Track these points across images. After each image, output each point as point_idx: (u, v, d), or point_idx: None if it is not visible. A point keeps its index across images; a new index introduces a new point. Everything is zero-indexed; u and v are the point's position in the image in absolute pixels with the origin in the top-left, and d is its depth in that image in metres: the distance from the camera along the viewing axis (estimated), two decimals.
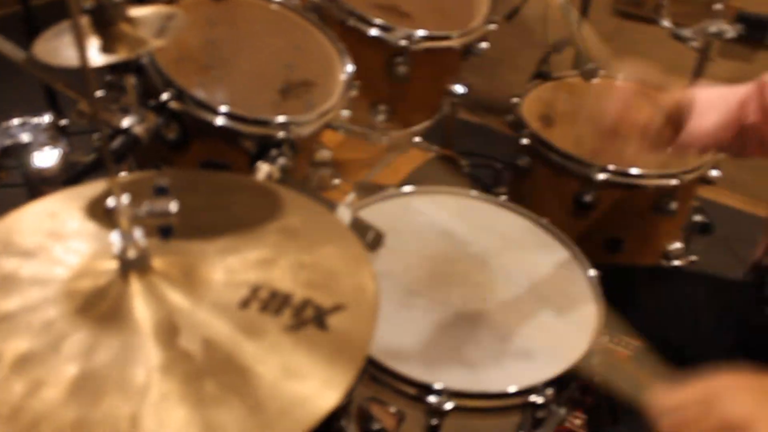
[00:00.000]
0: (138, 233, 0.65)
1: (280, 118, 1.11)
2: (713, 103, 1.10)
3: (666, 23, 1.95)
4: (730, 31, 1.99)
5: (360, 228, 1.09)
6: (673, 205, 1.55)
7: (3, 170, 1.17)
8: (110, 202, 0.62)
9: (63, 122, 1.38)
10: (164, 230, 0.63)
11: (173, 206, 0.63)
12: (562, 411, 1.09)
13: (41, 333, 0.64)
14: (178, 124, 1.09)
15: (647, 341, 1.37)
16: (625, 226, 1.60)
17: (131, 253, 0.65)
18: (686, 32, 1.97)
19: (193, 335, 0.63)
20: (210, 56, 1.28)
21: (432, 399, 0.98)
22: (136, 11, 0.88)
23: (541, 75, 1.83)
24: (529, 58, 2.67)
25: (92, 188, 0.84)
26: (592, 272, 1.21)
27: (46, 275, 0.69)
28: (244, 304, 0.67)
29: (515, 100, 1.70)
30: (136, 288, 0.66)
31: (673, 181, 1.51)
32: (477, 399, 1.01)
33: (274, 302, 0.67)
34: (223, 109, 1.09)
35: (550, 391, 1.02)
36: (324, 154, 1.25)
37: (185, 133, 1.09)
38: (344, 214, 1.07)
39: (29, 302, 0.67)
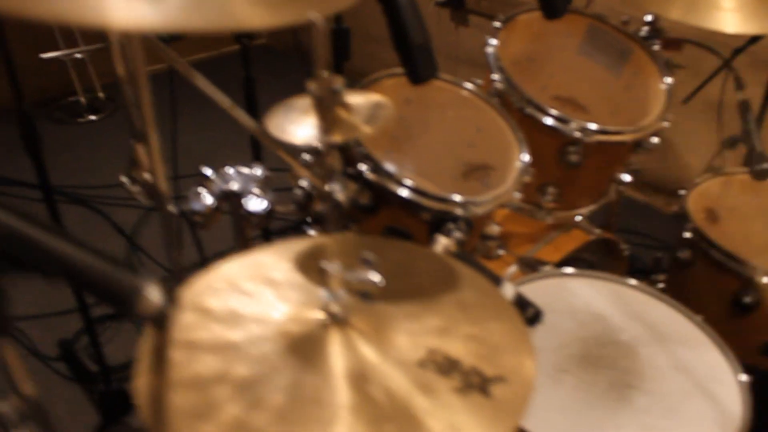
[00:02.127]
0: (343, 293, 0.79)
1: (460, 197, 1.24)
2: None
3: None
4: None
5: (521, 304, 1.19)
6: None
7: (219, 212, 1.37)
8: (325, 264, 0.77)
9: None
10: (365, 294, 0.76)
11: (377, 278, 0.76)
12: None
13: (258, 363, 0.79)
14: (371, 191, 1.24)
15: None
16: None
17: (335, 309, 0.80)
18: None
19: (378, 384, 0.76)
20: (401, 131, 1.45)
21: None
22: (352, 98, 1.05)
23: (711, 170, 1.85)
24: (703, 141, 2.67)
25: (298, 244, 1.00)
26: (744, 377, 1.23)
27: (264, 316, 0.85)
28: (422, 364, 0.79)
29: (682, 192, 1.74)
30: (335, 337, 0.80)
31: None
32: None
33: (446, 366, 0.79)
34: (410, 183, 1.24)
35: None
36: (494, 229, 1.36)
37: (375, 200, 1.25)
38: (508, 290, 1.17)
39: (250, 336, 0.82)
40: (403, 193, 1.23)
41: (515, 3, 1.76)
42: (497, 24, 1.65)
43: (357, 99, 1.04)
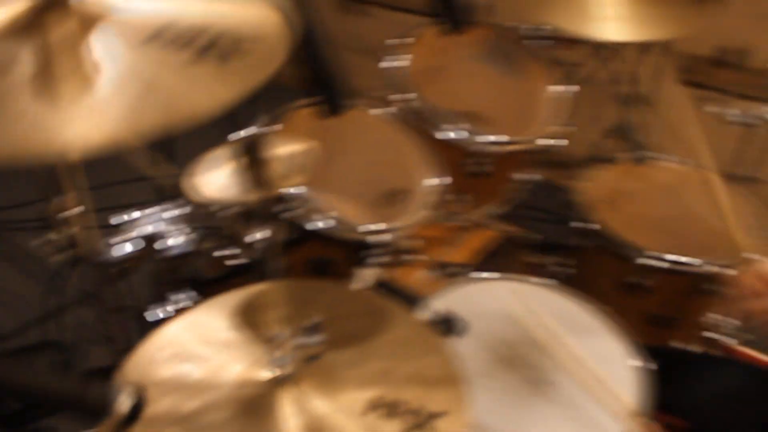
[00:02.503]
0: (291, 356, 0.85)
1: (377, 226, 1.32)
2: None
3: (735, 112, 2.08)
4: None
5: (446, 320, 1.29)
6: (715, 289, 1.70)
7: (141, 258, 1.40)
8: (275, 334, 0.83)
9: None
10: (313, 356, 0.83)
11: (321, 339, 0.83)
12: None
13: None
14: (293, 226, 1.30)
15: (691, 424, 1.53)
16: (671, 305, 1.76)
17: (284, 370, 0.86)
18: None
19: None
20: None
21: None
22: (280, 150, 1.10)
23: (598, 159, 2.00)
24: (593, 117, 2.85)
25: (234, 297, 1.05)
26: (637, 362, 1.37)
27: (213, 381, 0.90)
28: (369, 410, 0.86)
29: (575, 183, 1.87)
30: (285, 396, 0.87)
31: (713, 268, 1.66)
32: None
33: (391, 408, 0.87)
34: (330, 215, 1.30)
35: None
36: (412, 244, 1.45)
37: (299, 234, 1.31)
38: (431, 309, 1.26)
39: (202, 405, 0.87)
40: (325, 225, 1.29)
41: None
42: (402, 41, 1.72)
43: (282, 150, 1.09)
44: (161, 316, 1.52)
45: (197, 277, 1.31)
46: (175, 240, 1.40)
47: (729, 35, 2.57)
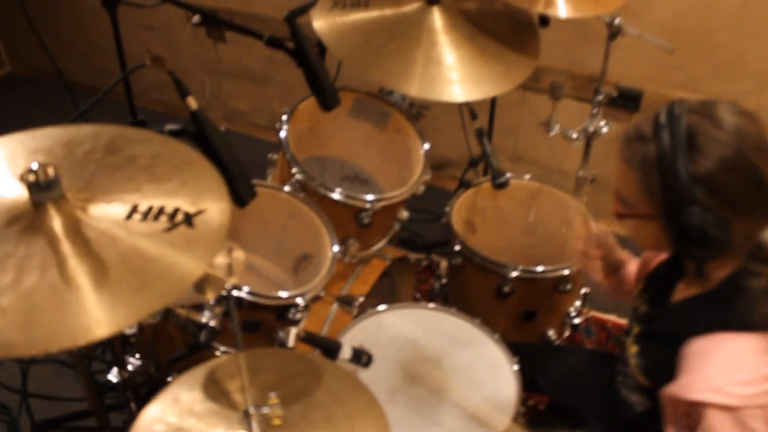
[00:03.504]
0: (259, 422, 1.16)
1: (287, 293, 1.65)
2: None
3: (556, 129, 2.52)
4: (605, 127, 2.60)
5: (357, 355, 1.62)
6: (569, 286, 2.13)
7: None
8: (249, 408, 1.14)
9: None
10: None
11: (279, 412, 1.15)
12: None
13: None
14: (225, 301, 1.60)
15: (554, 398, 1.95)
16: (537, 303, 2.17)
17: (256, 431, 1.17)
18: (572, 134, 2.56)
19: None
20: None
21: None
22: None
23: (463, 184, 2.38)
24: (449, 122, 3.24)
25: (199, 372, 1.34)
26: (515, 366, 1.76)
27: None
28: None
29: (447, 208, 2.25)
30: None
31: (566, 272, 2.08)
32: None
33: None
34: (247, 289, 1.60)
35: None
36: (321, 292, 1.77)
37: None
38: (346, 350, 1.59)
39: None
40: (246, 298, 1.60)
41: None
42: (284, 117, 2.01)
43: (217, 256, 1.38)
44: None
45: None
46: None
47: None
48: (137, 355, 1.91)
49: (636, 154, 1.29)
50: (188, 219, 1.05)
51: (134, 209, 1.07)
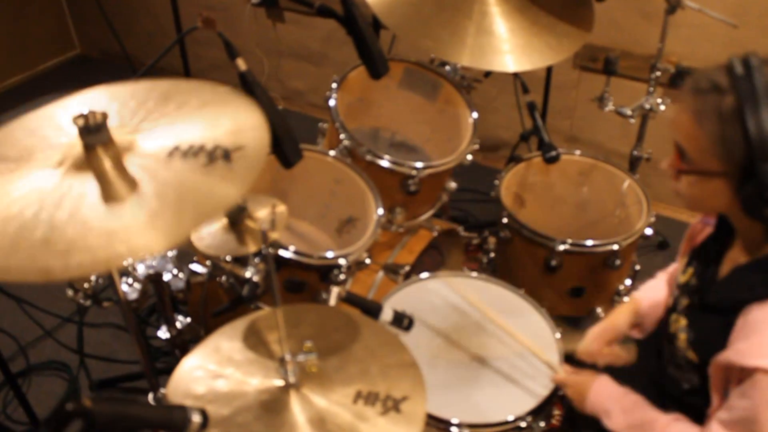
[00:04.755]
0: (295, 370, 1.19)
1: (332, 253, 1.67)
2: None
3: (610, 106, 2.48)
4: (662, 105, 2.54)
5: (398, 318, 1.63)
6: (618, 262, 2.09)
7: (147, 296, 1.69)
8: (284, 356, 1.16)
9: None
10: None
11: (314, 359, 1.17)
12: (543, 424, 1.63)
13: (243, 428, 1.17)
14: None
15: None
16: (585, 279, 2.15)
17: (291, 379, 1.19)
18: (627, 111, 2.51)
19: (331, 422, 1.17)
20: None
21: (454, 430, 1.53)
22: (256, 212, 1.42)
23: (514, 158, 2.37)
24: (504, 102, 3.23)
25: (241, 323, 1.37)
26: (558, 335, 1.75)
27: (239, 391, 1.23)
28: (355, 400, 1.20)
29: (496, 181, 2.24)
30: (294, 397, 1.20)
31: (615, 247, 2.05)
32: (484, 428, 1.55)
33: (371, 398, 1.21)
34: (292, 248, 1.63)
35: (531, 417, 1.57)
36: (365, 258, 1.79)
37: (275, 264, 1.63)
38: (387, 313, 1.60)
39: (234, 410, 1.20)
40: (290, 257, 1.62)
41: None
42: (334, 84, 2.03)
43: (261, 211, 1.41)
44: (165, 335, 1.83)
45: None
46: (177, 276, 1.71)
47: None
48: (189, 318, 1.96)
49: (708, 105, 1.22)
50: (226, 154, 1.08)
51: (176, 149, 1.10)
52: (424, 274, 1.89)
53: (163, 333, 1.83)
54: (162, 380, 1.64)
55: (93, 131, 1.06)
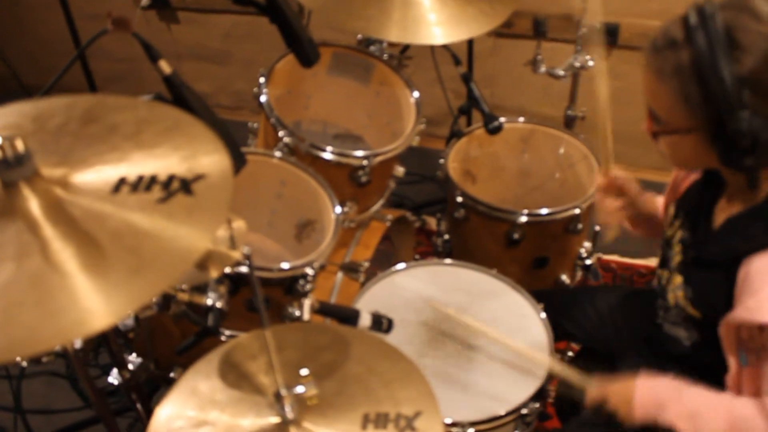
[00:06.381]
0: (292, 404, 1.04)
1: (301, 261, 1.51)
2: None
3: (543, 69, 2.40)
4: (590, 61, 2.49)
5: (377, 321, 1.50)
6: (579, 226, 2.02)
7: None
8: (279, 390, 1.01)
9: None
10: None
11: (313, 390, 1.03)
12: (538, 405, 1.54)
13: None
14: (229, 279, 1.46)
15: (583, 346, 1.85)
16: (548, 248, 2.07)
17: (290, 415, 1.05)
18: (559, 71, 2.44)
19: None
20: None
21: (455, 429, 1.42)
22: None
23: (455, 134, 2.26)
24: (423, 79, 3.13)
25: (213, 357, 1.21)
26: (543, 314, 1.65)
27: None
28: (364, 426, 1.07)
29: (442, 160, 2.13)
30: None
31: (576, 211, 1.98)
32: (484, 423, 1.45)
33: (381, 421, 1.08)
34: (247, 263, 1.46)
35: (531, 403, 1.47)
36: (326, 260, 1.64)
37: (234, 284, 1.47)
38: (365, 318, 1.47)
39: None
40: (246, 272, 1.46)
41: None
42: (261, 79, 1.86)
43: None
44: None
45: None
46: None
47: None
48: (134, 354, 1.77)
49: (667, 62, 1.16)
50: (185, 186, 0.92)
51: (122, 181, 0.93)
52: (394, 269, 1.76)
53: (115, 378, 1.64)
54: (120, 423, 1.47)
55: (13, 165, 0.88)
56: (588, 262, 2.18)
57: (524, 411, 1.48)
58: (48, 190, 0.91)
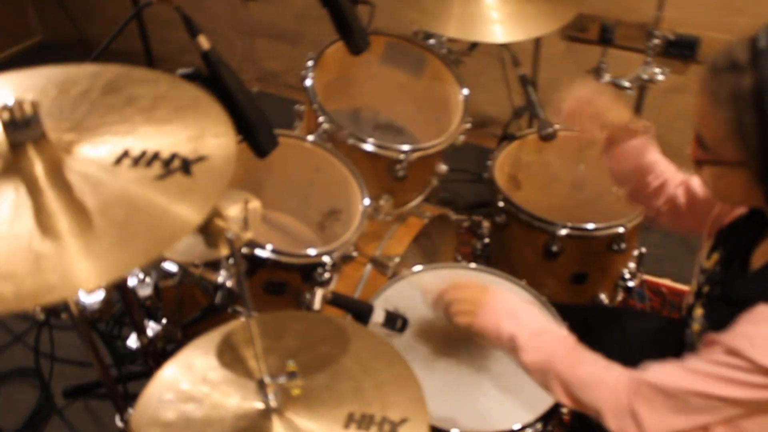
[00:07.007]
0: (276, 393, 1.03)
1: (314, 251, 1.51)
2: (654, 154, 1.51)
3: (607, 78, 2.33)
4: (660, 75, 2.39)
5: (391, 319, 1.48)
6: (623, 246, 1.95)
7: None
8: (263, 378, 1.00)
9: None
10: None
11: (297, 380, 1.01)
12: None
13: None
14: (247, 260, 1.46)
15: None
16: (588, 264, 2.00)
17: (273, 403, 1.04)
18: (624, 82, 2.36)
19: None
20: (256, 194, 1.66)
21: None
22: (226, 210, 1.25)
23: (507, 137, 2.21)
24: (490, 77, 3.07)
25: (215, 336, 1.21)
26: (565, 330, 1.59)
27: (214, 417, 1.07)
28: (347, 424, 1.05)
29: (489, 162, 2.08)
30: (277, 423, 1.05)
31: (620, 229, 1.90)
32: None
33: (365, 421, 1.06)
34: (270, 247, 1.46)
35: (540, 425, 1.42)
36: (351, 252, 1.63)
37: (252, 265, 1.47)
38: (379, 314, 1.45)
39: None
40: (268, 257, 1.46)
41: None
42: (310, 63, 1.85)
43: (231, 210, 1.24)
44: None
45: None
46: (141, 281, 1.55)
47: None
48: (164, 320, 1.79)
49: (725, 86, 1.06)
50: (186, 166, 0.91)
51: (125, 154, 0.93)
52: (417, 267, 1.73)
53: (133, 342, 1.67)
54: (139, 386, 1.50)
55: (21, 126, 0.89)
56: (630, 284, 2.10)
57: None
58: (53, 155, 0.92)
